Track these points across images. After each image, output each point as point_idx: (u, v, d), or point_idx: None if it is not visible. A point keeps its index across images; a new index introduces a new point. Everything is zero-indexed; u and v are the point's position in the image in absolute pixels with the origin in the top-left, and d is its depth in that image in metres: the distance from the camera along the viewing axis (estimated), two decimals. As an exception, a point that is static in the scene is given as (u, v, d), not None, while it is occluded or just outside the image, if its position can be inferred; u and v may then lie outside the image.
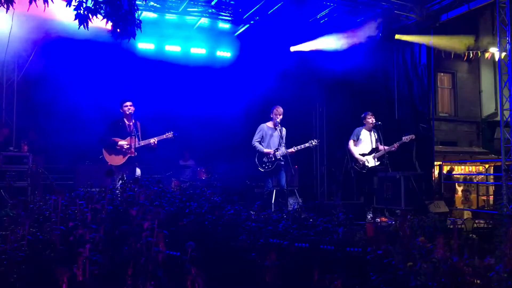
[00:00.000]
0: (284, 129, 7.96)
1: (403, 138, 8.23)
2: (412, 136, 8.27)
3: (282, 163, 7.71)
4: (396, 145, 8.18)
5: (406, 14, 10.10)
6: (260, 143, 7.85)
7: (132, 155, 7.06)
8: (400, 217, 6.11)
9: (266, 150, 7.74)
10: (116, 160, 7.12)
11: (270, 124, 7.97)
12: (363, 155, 8.20)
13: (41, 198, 5.11)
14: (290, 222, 5.04)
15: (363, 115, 8.42)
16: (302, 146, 7.83)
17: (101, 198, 4.24)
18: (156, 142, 7.21)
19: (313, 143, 7.87)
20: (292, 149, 7.76)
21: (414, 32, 10.28)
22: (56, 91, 10.14)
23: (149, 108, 9.06)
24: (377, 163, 8.22)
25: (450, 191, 11.90)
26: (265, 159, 7.75)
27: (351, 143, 8.35)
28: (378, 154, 8.19)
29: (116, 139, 7.16)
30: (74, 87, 9.96)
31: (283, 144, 7.80)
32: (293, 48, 11.42)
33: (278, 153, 7.71)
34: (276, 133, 7.85)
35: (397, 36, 10.42)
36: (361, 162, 8.15)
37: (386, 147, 8.09)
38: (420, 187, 9.24)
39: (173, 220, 4.36)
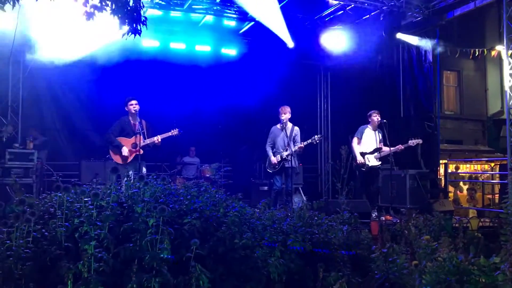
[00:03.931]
0: (296, 128, 7.94)
1: (410, 142, 8.17)
2: (419, 141, 8.23)
3: (288, 163, 7.70)
4: (401, 147, 8.12)
5: (412, 12, 10.04)
6: (273, 146, 7.91)
7: (138, 153, 7.08)
8: (405, 215, 6.11)
9: (271, 159, 7.79)
10: (123, 159, 7.15)
11: (278, 125, 7.99)
12: (365, 153, 8.16)
13: (47, 195, 5.12)
14: (295, 220, 5.03)
15: (368, 113, 8.37)
16: (305, 142, 7.80)
17: (107, 195, 4.25)
18: (160, 140, 7.22)
19: (316, 139, 7.84)
20: (301, 144, 7.73)
21: (420, 30, 10.23)
22: (61, 88, 10.18)
23: (154, 106, 9.08)
24: (379, 163, 8.19)
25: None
26: (269, 161, 7.83)
27: (355, 141, 8.31)
28: (381, 154, 8.14)
29: (122, 139, 7.18)
30: (79, 84, 10.00)
31: (297, 143, 7.79)
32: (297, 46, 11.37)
33: (285, 154, 7.72)
34: (283, 134, 7.85)
35: (400, 36, 10.39)
36: (361, 162, 8.11)
37: (391, 148, 8.03)
38: (425, 185, 9.20)
39: (178, 218, 4.36)
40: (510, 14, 7.97)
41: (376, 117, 8.22)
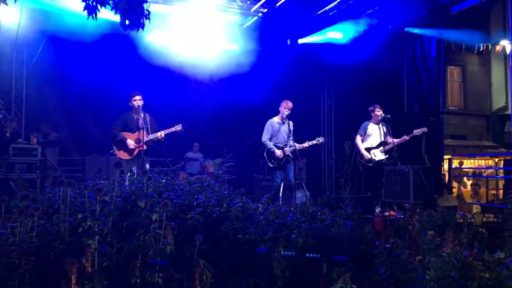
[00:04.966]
0: (291, 122, 7.92)
1: (414, 131, 8.08)
2: (424, 129, 8.12)
3: (291, 158, 7.68)
4: (406, 137, 8.05)
5: (417, 7, 9.98)
6: (270, 140, 7.81)
7: (142, 148, 7.06)
8: (409, 211, 6.09)
9: (276, 152, 7.69)
10: (126, 155, 7.13)
11: (277, 118, 7.91)
12: (371, 148, 8.11)
13: (50, 190, 5.13)
14: (298, 215, 5.02)
15: (370, 108, 8.29)
16: (310, 143, 7.80)
17: (110, 190, 4.25)
18: (163, 135, 7.19)
19: (320, 140, 7.85)
20: (306, 144, 7.74)
21: (425, 24, 10.17)
22: (65, 83, 10.18)
23: (157, 101, 9.07)
24: (385, 157, 8.13)
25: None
26: (274, 155, 7.73)
27: (358, 138, 8.24)
28: (387, 147, 8.08)
29: (125, 133, 7.17)
30: (82, 79, 9.98)
31: (291, 138, 7.77)
32: (300, 41, 11.36)
33: (287, 149, 7.68)
34: (284, 127, 7.82)
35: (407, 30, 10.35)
36: (367, 157, 8.06)
37: (396, 140, 7.99)
38: (429, 181, 9.17)
39: (181, 213, 4.36)
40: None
41: (379, 112, 8.15)
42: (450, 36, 10.78)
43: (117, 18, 4.12)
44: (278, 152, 7.68)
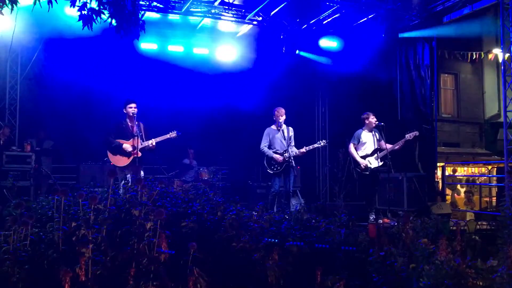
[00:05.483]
0: (291, 128, 7.94)
1: (406, 135, 8.11)
2: (416, 133, 8.15)
3: (292, 164, 7.68)
4: (401, 142, 8.06)
5: (409, 15, 10.07)
6: (269, 148, 7.84)
7: (136, 155, 7.04)
8: (402, 218, 6.11)
9: (275, 156, 7.70)
10: (121, 162, 7.09)
11: (274, 126, 7.96)
12: (366, 156, 8.13)
13: (44, 198, 5.11)
14: (293, 223, 5.03)
15: (364, 115, 8.30)
16: (311, 146, 7.83)
17: (104, 198, 4.25)
18: (154, 144, 7.17)
19: (322, 144, 7.87)
20: (303, 149, 7.76)
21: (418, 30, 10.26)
22: (59, 90, 10.15)
23: (152, 108, 9.08)
24: (380, 164, 8.14)
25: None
26: (273, 161, 7.74)
27: (351, 146, 8.24)
28: (381, 154, 8.09)
29: (120, 140, 7.15)
30: (77, 86, 9.97)
31: (292, 144, 7.80)
32: (295, 49, 11.44)
33: (287, 155, 7.68)
34: (279, 134, 7.85)
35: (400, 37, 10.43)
36: (363, 165, 8.06)
37: (389, 145, 8.01)
38: (422, 188, 9.20)
39: (175, 221, 4.36)
40: (507, 17, 8.01)
41: (373, 119, 8.18)
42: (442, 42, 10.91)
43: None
44: (277, 157, 7.69)
